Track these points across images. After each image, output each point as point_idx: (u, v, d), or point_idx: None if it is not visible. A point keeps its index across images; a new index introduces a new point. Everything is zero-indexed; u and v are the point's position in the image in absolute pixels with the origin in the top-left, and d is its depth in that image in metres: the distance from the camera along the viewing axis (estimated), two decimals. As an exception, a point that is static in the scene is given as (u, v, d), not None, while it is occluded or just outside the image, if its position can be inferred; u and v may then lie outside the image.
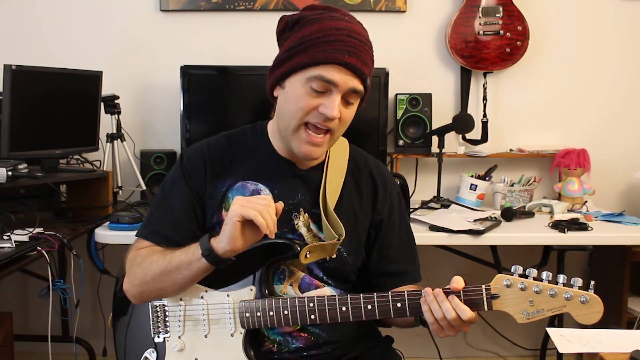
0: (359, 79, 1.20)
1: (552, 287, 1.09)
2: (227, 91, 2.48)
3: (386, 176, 1.42)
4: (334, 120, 1.20)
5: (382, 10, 2.66)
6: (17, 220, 1.91)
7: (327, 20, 1.21)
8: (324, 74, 1.17)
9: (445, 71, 2.72)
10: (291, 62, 1.21)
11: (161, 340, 1.31)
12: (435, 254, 2.46)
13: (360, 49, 1.20)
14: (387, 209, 1.38)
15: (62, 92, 2.26)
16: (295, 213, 1.31)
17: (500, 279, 1.12)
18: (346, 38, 1.18)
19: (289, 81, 1.22)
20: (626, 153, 2.76)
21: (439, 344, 2.69)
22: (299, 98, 1.20)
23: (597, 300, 1.07)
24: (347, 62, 1.17)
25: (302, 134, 1.22)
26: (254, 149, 1.35)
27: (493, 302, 1.12)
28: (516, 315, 1.11)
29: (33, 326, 2.70)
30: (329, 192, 1.30)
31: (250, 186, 1.31)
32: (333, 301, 1.19)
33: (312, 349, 1.32)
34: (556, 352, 2.24)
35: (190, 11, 2.65)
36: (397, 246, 1.39)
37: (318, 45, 1.18)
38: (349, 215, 1.33)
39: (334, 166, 1.35)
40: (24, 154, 2.06)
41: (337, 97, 1.19)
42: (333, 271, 1.32)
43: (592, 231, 2.13)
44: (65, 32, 2.64)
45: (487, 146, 2.68)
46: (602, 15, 2.71)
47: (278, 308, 1.22)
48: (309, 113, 1.20)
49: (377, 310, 1.17)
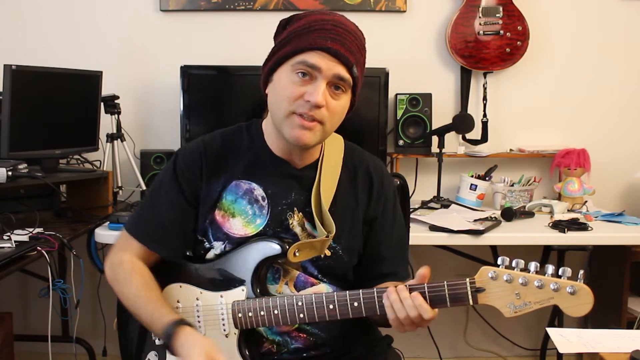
0: (344, 66, 1.19)
1: (539, 278, 1.03)
2: (227, 91, 2.48)
3: (383, 174, 1.40)
4: (321, 108, 1.19)
5: (382, 10, 2.66)
6: (17, 220, 1.91)
7: (315, 14, 1.22)
8: (307, 59, 1.18)
9: (445, 71, 2.72)
10: (277, 54, 1.23)
11: (161, 343, 1.31)
12: (435, 254, 2.46)
13: (344, 37, 1.19)
14: (382, 206, 1.37)
15: (62, 92, 2.26)
16: (289, 212, 1.30)
17: (485, 271, 1.08)
18: (330, 27, 1.19)
19: (277, 74, 1.23)
20: (626, 153, 2.76)
21: (439, 344, 2.69)
22: (285, 87, 1.21)
23: (586, 290, 1.02)
24: (329, 47, 1.17)
25: (293, 119, 1.21)
26: (248, 148, 1.34)
27: (478, 296, 1.08)
28: (503, 309, 1.06)
29: (33, 326, 2.70)
30: (324, 191, 1.30)
31: (244, 185, 1.31)
32: (320, 299, 1.19)
33: (311, 349, 1.31)
34: (556, 352, 2.24)
35: (190, 11, 2.65)
36: (389, 245, 1.37)
37: (302, 35, 1.19)
38: (345, 213, 1.32)
39: (328, 164, 1.34)
40: (24, 154, 2.06)
41: (322, 84, 1.18)
42: (328, 269, 1.31)
43: (592, 231, 2.13)
44: (65, 32, 2.64)
45: (487, 146, 2.68)
46: (602, 15, 2.71)
47: (268, 307, 1.22)
48: (295, 101, 1.20)
49: (363, 307, 1.17)
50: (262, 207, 1.29)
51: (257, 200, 1.30)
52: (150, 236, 1.30)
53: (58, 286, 1.85)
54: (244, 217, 1.29)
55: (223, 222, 1.30)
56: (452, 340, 2.83)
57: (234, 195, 1.30)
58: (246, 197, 1.30)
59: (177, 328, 1.17)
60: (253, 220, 1.29)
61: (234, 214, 1.29)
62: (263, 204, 1.30)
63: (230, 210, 1.30)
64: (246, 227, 1.29)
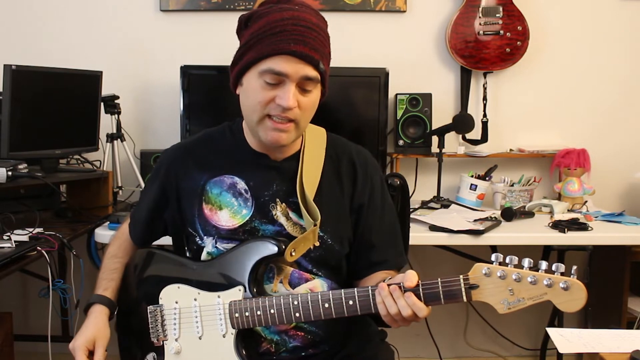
0: (311, 65, 1.20)
1: (532, 274, 1.04)
2: (227, 91, 2.45)
3: (367, 161, 1.41)
4: (293, 109, 1.21)
5: (382, 10, 2.66)
6: (17, 220, 1.91)
7: (274, 12, 1.21)
8: (272, 66, 1.19)
9: (445, 71, 2.72)
10: (243, 59, 1.24)
11: (160, 344, 1.33)
12: (435, 254, 2.46)
13: (307, 36, 1.20)
14: (368, 193, 1.37)
15: (62, 92, 2.26)
16: (272, 204, 1.32)
17: (478, 267, 1.08)
18: (292, 27, 1.19)
19: (245, 78, 1.25)
20: (626, 153, 2.76)
21: (439, 343, 2.69)
22: (255, 93, 1.22)
23: (579, 285, 1.02)
24: (293, 51, 1.18)
25: (266, 123, 1.24)
26: (230, 146, 1.38)
27: (472, 293, 1.08)
28: (497, 306, 1.07)
29: (33, 326, 2.70)
30: (307, 181, 1.31)
31: (228, 180, 1.34)
32: (316, 298, 1.19)
33: (309, 347, 1.32)
34: (556, 352, 2.24)
35: (190, 11, 2.65)
36: (378, 231, 1.37)
37: (264, 39, 1.20)
38: (330, 202, 1.33)
39: (310, 155, 1.35)
40: (24, 154, 2.06)
41: (291, 87, 1.20)
42: (321, 260, 1.32)
43: (592, 231, 2.13)
44: (65, 32, 2.65)
45: (487, 146, 2.68)
46: (602, 15, 2.71)
47: (265, 307, 1.22)
48: (267, 105, 1.22)
49: (359, 305, 1.17)
50: (246, 199, 1.32)
51: (240, 193, 1.33)
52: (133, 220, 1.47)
53: (58, 286, 1.85)
54: (230, 209, 1.32)
55: (211, 215, 1.33)
56: (452, 340, 2.83)
57: (219, 189, 1.34)
58: (230, 191, 1.33)
59: (92, 305, 1.36)
60: (239, 211, 1.32)
61: (220, 206, 1.33)
62: (247, 197, 1.32)
63: (217, 203, 1.33)
64: (233, 218, 1.32)
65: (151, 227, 1.44)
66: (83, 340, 1.29)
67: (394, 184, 1.54)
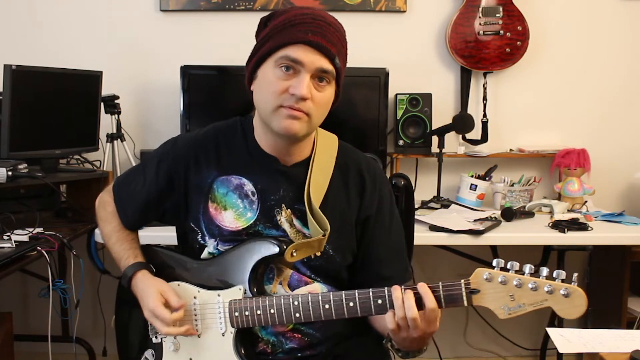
0: (327, 58, 1.20)
1: (533, 280, 1.04)
2: (227, 91, 2.48)
3: (377, 173, 1.40)
4: (307, 101, 1.20)
5: (382, 10, 2.66)
6: (17, 220, 1.90)
7: (294, 10, 1.24)
8: (289, 53, 1.19)
9: (445, 71, 2.72)
10: (260, 51, 1.24)
11: (158, 341, 1.33)
12: (435, 254, 2.46)
13: (325, 29, 1.21)
14: (376, 206, 1.36)
15: (62, 92, 2.26)
16: (277, 209, 1.31)
17: (480, 272, 1.08)
18: (310, 20, 1.20)
19: (261, 70, 1.24)
20: (626, 153, 2.76)
21: (439, 344, 2.69)
22: (270, 83, 1.22)
23: (579, 293, 1.02)
24: (310, 40, 1.18)
25: (280, 111, 1.22)
26: (240, 143, 1.35)
27: (473, 297, 1.09)
28: (497, 311, 1.07)
29: (33, 326, 2.70)
30: (314, 189, 1.30)
31: (235, 180, 1.32)
32: (316, 299, 1.19)
33: (306, 349, 1.31)
34: (556, 352, 2.24)
35: (190, 11, 2.65)
36: (386, 246, 1.36)
37: (283, 31, 1.20)
38: (335, 212, 1.32)
39: (320, 162, 1.34)
40: (24, 154, 2.06)
41: (305, 77, 1.19)
42: (320, 269, 1.31)
43: (592, 231, 2.13)
44: (65, 32, 2.64)
45: (487, 146, 2.68)
46: (602, 15, 2.71)
47: (265, 307, 1.22)
48: (281, 95, 1.21)
49: (359, 307, 1.17)
50: (252, 202, 1.31)
51: (247, 195, 1.31)
52: (121, 201, 1.42)
53: (58, 286, 1.85)
54: (235, 210, 1.31)
55: (216, 215, 1.32)
56: (452, 340, 2.83)
57: (225, 189, 1.32)
58: (237, 192, 1.32)
59: (134, 271, 1.31)
60: (244, 213, 1.31)
61: (225, 206, 1.32)
62: (253, 199, 1.31)
63: (223, 203, 1.32)
64: (237, 220, 1.31)
65: (146, 213, 1.40)
66: (154, 298, 1.24)
67: (398, 184, 1.54)
